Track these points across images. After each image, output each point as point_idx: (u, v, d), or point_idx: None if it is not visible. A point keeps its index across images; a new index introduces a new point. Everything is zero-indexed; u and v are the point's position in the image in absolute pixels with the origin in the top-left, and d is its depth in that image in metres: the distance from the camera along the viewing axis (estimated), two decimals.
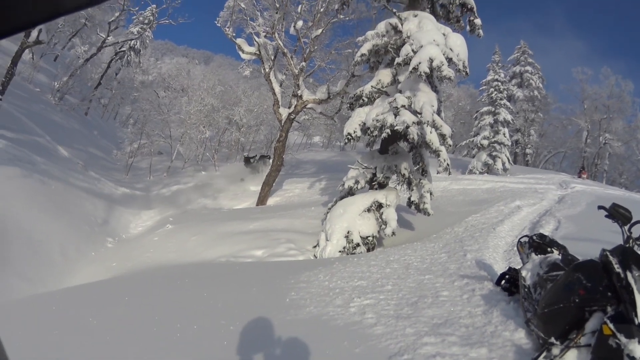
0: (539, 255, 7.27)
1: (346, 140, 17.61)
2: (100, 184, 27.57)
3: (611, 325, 4.47)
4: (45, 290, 13.70)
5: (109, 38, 50.09)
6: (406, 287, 9.20)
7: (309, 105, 29.24)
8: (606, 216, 5.62)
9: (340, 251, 16.20)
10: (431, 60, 15.25)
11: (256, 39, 28.93)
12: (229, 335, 6.97)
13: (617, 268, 4.83)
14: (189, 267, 14.97)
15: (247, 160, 40.45)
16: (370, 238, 16.82)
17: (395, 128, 15.91)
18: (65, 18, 43.71)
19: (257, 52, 29.07)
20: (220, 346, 6.61)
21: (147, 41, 64.04)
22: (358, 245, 16.48)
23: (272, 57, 29.82)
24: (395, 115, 16.08)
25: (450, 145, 17.04)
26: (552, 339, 5.17)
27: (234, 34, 29.49)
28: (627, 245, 5.14)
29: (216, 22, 29.47)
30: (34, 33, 30.45)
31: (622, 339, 4.32)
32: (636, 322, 4.43)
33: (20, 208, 17.20)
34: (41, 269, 15.59)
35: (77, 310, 9.10)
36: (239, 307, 8.67)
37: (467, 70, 16.92)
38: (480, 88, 50.57)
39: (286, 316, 8.01)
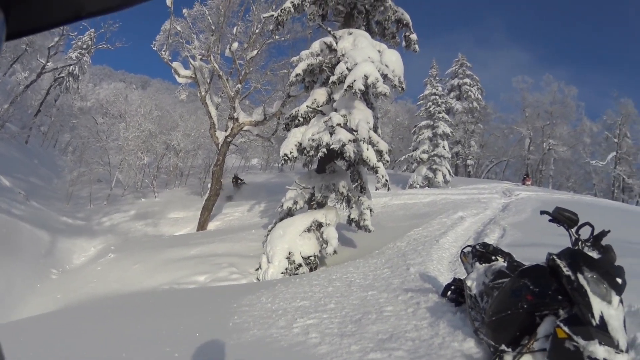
0: (483, 264, 7.21)
1: (283, 161, 17.49)
2: (43, 214, 27.04)
3: (566, 328, 4.40)
4: None
5: (48, 64, 48.97)
6: (349, 305, 9.09)
7: (246, 128, 29.20)
8: (550, 220, 5.54)
9: (282, 272, 16.02)
10: (366, 78, 15.20)
11: (192, 62, 28.83)
12: None
13: (566, 271, 4.76)
14: (132, 296, 14.77)
15: (235, 182, 41.38)
16: (312, 258, 16.67)
17: (332, 147, 15.85)
18: (6, 43, 43.49)
19: (193, 76, 28.97)
20: None
21: (86, 66, 63.63)
22: (300, 265, 16.34)
23: (208, 80, 29.79)
24: (331, 134, 16.03)
25: (388, 161, 17.06)
26: (503, 346, 5.07)
27: (170, 58, 29.33)
28: (577, 248, 5.06)
29: (152, 45, 29.28)
30: None
31: (580, 341, 4.26)
32: (593, 324, 4.33)
33: None
34: None
35: (20, 344, 8.76)
36: (183, 334, 8.46)
37: (404, 85, 16.95)
38: (418, 103, 50.95)
39: (230, 340, 7.80)
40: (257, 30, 29.14)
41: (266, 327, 8.45)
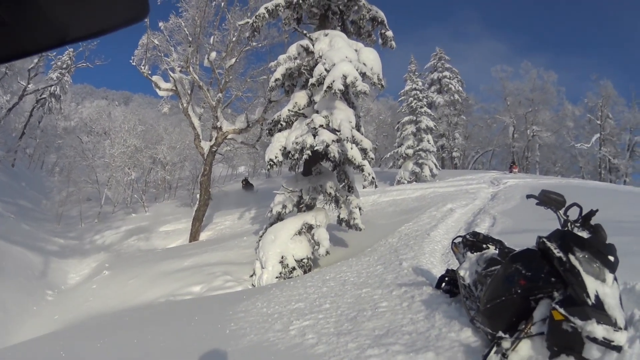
0: (475, 253, 7.21)
1: (269, 167, 17.45)
2: (34, 236, 26.99)
3: (562, 310, 4.36)
4: None
5: (29, 86, 48.94)
6: (344, 304, 9.12)
7: (230, 136, 29.18)
8: (537, 204, 5.52)
9: (277, 277, 16.04)
10: (345, 77, 15.20)
11: (171, 74, 28.76)
12: None
13: (557, 252, 4.75)
14: (130, 312, 14.67)
15: (247, 184, 43.23)
16: (305, 260, 16.67)
17: (316, 148, 15.88)
18: None
19: (174, 88, 28.89)
20: None
21: (67, 86, 63.62)
22: (294, 268, 16.32)
23: (189, 92, 29.68)
24: (314, 135, 16.02)
25: (373, 159, 17.14)
26: (500, 333, 5.04)
27: (149, 72, 29.22)
28: (566, 229, 5.06)
29: (131, 61, 29.16)
30: None
31: (577, 321, 4.23)
32: (589, 303, 4.32)
33: None
34: None
35: None
36: (181, 345, 8.50)
37: (383, 82, 17.00)
38: (400, 99, 50.57)
39: (227, 347, 7.82)
40: (233, 39, 29.13)
41: (263, 331, 8.46)
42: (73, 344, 10.66)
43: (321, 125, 15.97)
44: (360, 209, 17.81)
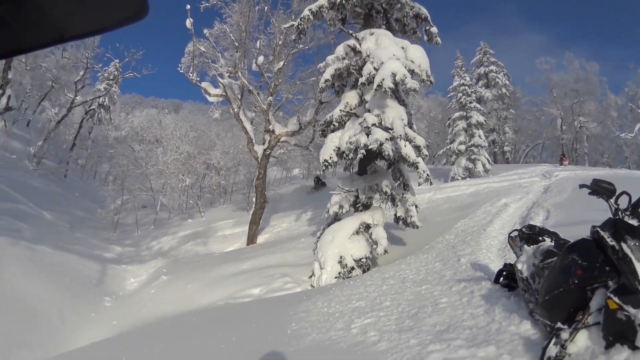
0: (531, 246, 7.21)
1: (324, 168, 17.47)
2: (89, 245, 27.42)
3: (616, 299, 4.34)
4: (45, 355, 13.51)
5: (77, 98, 49.25)
6: (405, 301, 9.15)
7: (283, 139, 29.32)
8: (589, 194, 5.52)
9: (336, 277, 16.07)
10: (394, 75, 15.23)
11: (220, 80, 29.03)
12: None
13: (610, 241, 4.73)
14: (189, 315, 14.80)
15: (317, 182, 43.07)
16: (364, 259, 16.69)
17: (370, 147, 15.90)
18: (32, 82, 44.36)
19: (224, 93, 29.14)
20: None
21: (115, 97, 64.46)
22: (353, 268, 16.34)
23: (239, 96, 29.94)
24: (368, 134, 16.05)
25: (426, 156, 17.11)
26: (559, 324, 5.05)
27: (198, 79, 29.57)
28: (617, 217, 5.08)
29: (179, 68, 29.58)
30: (4, 100, 30.52)
31: (631, 310, 4.20)
32: None
33: (12, 277, 17.07)
34: (40, 334, 15.34)
35: None
36: (243, 346, 8.63)
37: (432, 79, 16.93)
38: (449, 95, 50.21)
39: (289, 347, 7.93)
40: (280, 42, 29.35)
41: (324, 330, 8.56)
42: (134, 347, 10.89)
43: (374, 124, 16.02)
44: (416, 206, 17.79)
